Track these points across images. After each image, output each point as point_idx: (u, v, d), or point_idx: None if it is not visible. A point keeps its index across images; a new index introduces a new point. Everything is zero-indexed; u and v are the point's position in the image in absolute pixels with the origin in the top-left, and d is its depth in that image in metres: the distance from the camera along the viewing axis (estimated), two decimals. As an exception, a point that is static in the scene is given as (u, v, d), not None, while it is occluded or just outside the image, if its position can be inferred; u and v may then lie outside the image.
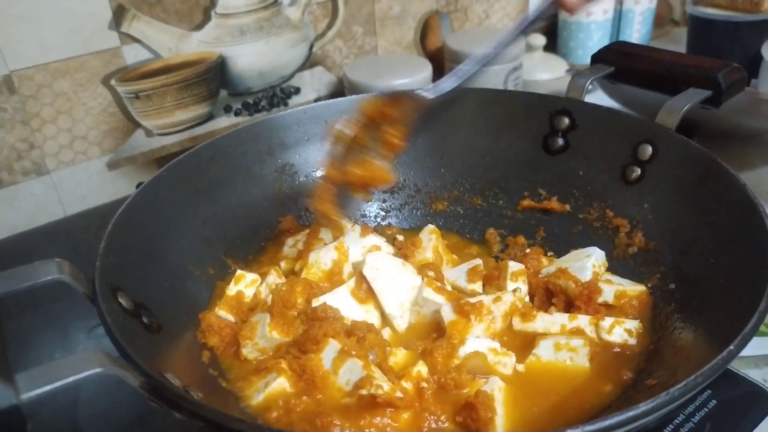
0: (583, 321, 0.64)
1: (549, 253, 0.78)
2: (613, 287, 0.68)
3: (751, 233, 0.57)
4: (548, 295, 0.70)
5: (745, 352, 0.71)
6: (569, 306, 0.67)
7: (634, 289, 0.69)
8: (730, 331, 0.48)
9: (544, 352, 0.62)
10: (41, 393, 0.41)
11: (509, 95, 0.92)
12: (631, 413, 0.41)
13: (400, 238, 0.83)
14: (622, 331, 0.63)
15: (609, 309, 0.67)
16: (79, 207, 1.02)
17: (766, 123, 1.01)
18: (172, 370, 0.51)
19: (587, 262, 0.69)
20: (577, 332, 0.64)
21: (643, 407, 0.41)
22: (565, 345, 0.61)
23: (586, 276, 0.68)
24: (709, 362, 0.44)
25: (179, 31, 1.03)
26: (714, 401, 0.62)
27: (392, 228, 0.87)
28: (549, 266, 0.74)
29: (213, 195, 0.76)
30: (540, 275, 0.72)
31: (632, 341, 0.63)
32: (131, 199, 0.65)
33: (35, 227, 0.98)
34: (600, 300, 0.66)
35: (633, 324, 0.64)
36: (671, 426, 0.60)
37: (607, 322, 0.63)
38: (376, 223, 0.87)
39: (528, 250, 0.77)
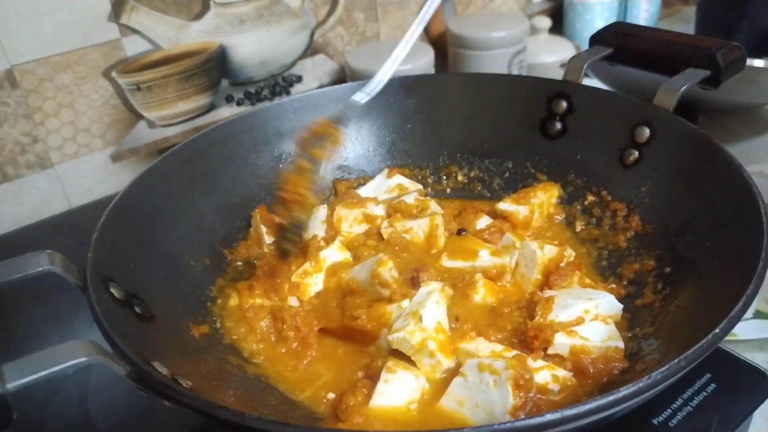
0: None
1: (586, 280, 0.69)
2: (574, 340, 0.59)
3: (745, 216, 0.57)
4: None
5: (748, 336, 0.71)
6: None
7: (605, 346, 0.59)
8: (719, 314, 0.47)
9: (469, 371, 0.55)
10: (27, 382, 0.42)
11: (506, 79, 0.92)
12: (611, 398, 0.41)
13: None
14: (548, 375, 0.57)
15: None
16: (84, 199, 1.04)
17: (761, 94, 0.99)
18: (161, 358, 0.51)
19: (581, 305, 0.62)
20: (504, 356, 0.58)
21: (624, 391, 0.41)
22: (488, 366, 0.55)
23: (563, 316, 0.61)
24: (693, 346, 0.44)
25: (178, 22, 1.03)
26: (713, 385, 0.61)
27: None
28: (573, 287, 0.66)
29: (208, 185, 0.76)
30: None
31: (554, 387, 0.56)
32: (124, 191, 0.66)
33: (41, 220, 0.99)
34: (551, 351, 0.59)
35: (564, 374, 0.57)
36: (669, 410, 0.59)
37: (539, 363, 0.58)
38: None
39: (563, 264, 0.69)
